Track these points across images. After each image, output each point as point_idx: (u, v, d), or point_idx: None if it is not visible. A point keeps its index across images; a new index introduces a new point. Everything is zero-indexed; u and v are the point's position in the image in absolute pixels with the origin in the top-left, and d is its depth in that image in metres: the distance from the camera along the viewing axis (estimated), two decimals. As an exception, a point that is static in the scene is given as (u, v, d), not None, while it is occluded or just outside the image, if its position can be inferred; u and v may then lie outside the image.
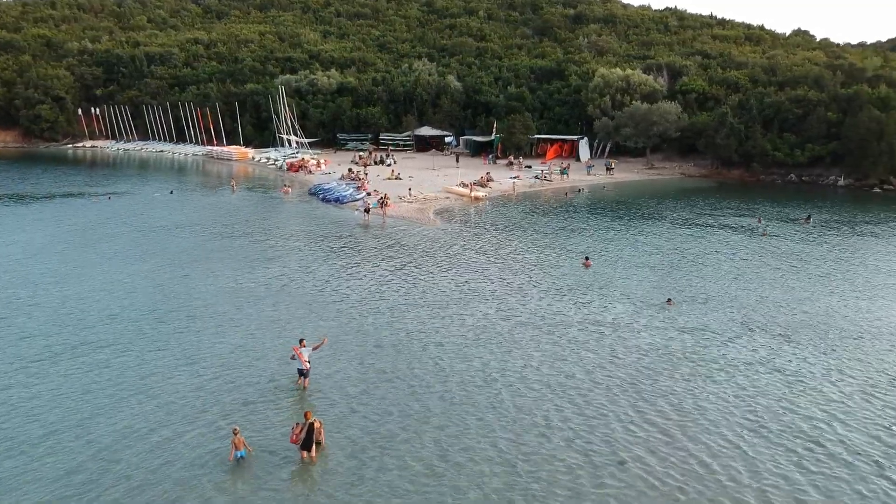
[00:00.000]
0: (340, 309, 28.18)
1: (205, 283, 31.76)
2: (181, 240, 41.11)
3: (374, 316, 27.34)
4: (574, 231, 45.20)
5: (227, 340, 24.44)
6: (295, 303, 28.92)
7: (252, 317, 27.18)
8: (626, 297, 30.80)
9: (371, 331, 25.77)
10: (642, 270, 35.57)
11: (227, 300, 29.19)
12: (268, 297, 29.68)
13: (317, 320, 26.78)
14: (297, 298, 29.53)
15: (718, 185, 69.64)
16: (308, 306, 28.49)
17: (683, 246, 41.33)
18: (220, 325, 26.05)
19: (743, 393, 20.97)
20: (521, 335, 25.52)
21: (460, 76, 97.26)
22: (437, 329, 26.21)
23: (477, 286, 32.04)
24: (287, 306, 28.45)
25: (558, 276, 34.37)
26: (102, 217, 48.70)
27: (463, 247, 39.97)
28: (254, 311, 27.85)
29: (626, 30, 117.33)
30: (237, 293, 30.22)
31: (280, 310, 27.94)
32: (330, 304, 28.92)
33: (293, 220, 48.15)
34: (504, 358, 23.33)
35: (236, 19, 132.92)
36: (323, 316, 27.36)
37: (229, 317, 27.09)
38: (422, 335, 25.47)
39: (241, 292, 30.33)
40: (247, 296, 29.91)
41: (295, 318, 26.99)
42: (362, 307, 28.53)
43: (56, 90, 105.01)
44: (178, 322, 26.41)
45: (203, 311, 27.62)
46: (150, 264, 34.99)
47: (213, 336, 24.90)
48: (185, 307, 28.19)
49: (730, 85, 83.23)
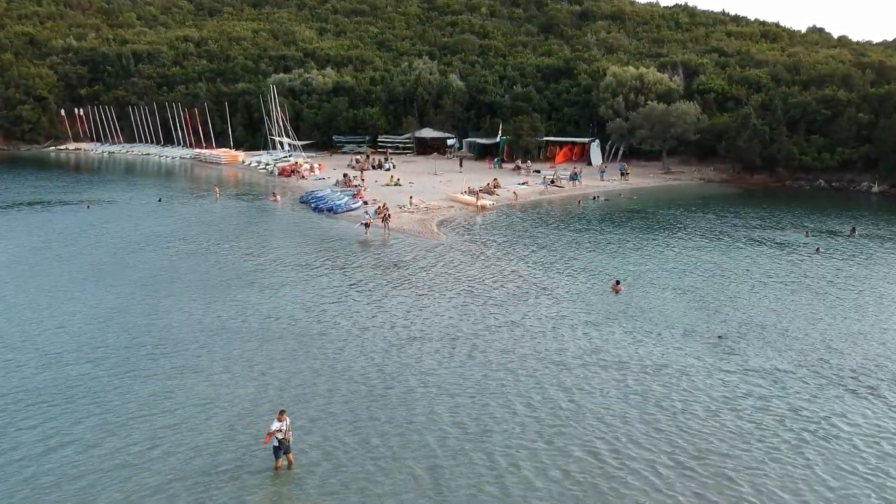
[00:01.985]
0: (327, 347, 23.17)
1: (173, 315, 26.70)
2: (152, 258, 36.07)
3: (367, 357, 22.35)
4: (595, 246, 40.17)
5: (187, 392, 19.47)
6: (274, 341, 23.88)
7: (223, 359, 22.21)
8: (669, 331, 25.90)
9: (363, 377, 20.79)
10: (680, 296, 30.64)
11: (197, 338, 24.15)
12: (242, 332, 24.65)
13: (300, 363, 21.82)
14: (277, 335, 24.49)
15: (743, 192, 64.64)
16: (290, 345, 23.48)
17: (722, 265, 36.34)
18: (181, 373, 21.04)
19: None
20: (551, 383, 20.50)
21: (463, 75, 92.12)
22: (446, 376, 21.24)
23: (492, 319, 27.04)
24: (265, 345, 23.42)
25: (586, 303, 29.45)
26: (73, 229, 43.74)
27: (472, 267, 34.97)
28: (224, 350, 22.87)
29: (636, 27, 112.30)
30: (210, 329, 25.19)
31: (256, 349, 22.92)
32: (315, 339, 23.91)
33: (280, 235, 43.08)
34: (532, 424, 18.31)
35: (229, 16, 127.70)
36: (307, 356, 22.40)
37: (194, 361, 22.08)
38: (427, 386, 20.50)
39: (214, 328, 25.30)
40: (219, 331, 24.91)
41: (274, 361, 22.02)
42: (353, 345, 23.52)
43: (38, 90, 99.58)
44: (134, 367, 21.41)
45: (165, 354, 22.58)
46: (112, 291, 29.95)
47: (168, 389, 19.88)
48: (144, 347, 23.19)
49: (751, 84, 78.16)
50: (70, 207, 52.94)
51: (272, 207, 53.48)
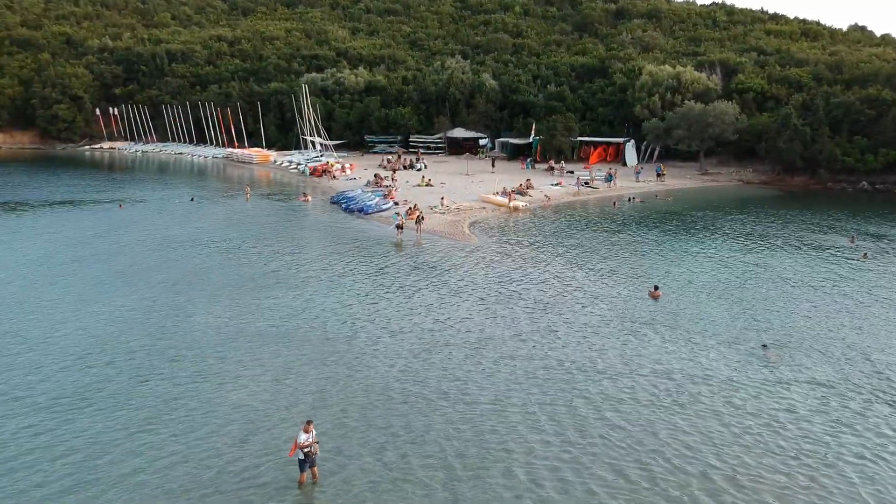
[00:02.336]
0: (353, 353, 22.46)
1: (197, 318, 26.24)
2: (180, 259, 35.76)
3: (393, 364, 21.58)
4: (631, 249, 39.00)
5: (206, 398, 18.88)
6: (302, 348, 23.24)
7: (245, 364, 21.64)
8: (712, 340, 24.79)
9: (391, 385, 20.01)
10: (721, 302, 29.43)
11: (220, 342, 23.62)
12: (270, 340, 24.04)
13: (325, 369, 21.14)
14: (302, 339, 23.85)
15: (783, 194, 62.81)
16: (314, 350, 22.82)
17: (763, 270, 34.96)
18: (203, 378, 20.48)
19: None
20: (586, 395, 19.53)
21: (496, 74, 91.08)
22: (484, 386, 20.42)
23: (523, 325, 26.15)
24: (292, 352, 22.79)
25: (623, 309, 28.40)
26: (102, 229, 43.70)
27: (503, 270, 34.06)
28: (247, 355, 22.28)
29: (672, 25, 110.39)
30: (234, 332, 24.65)
31: (280, 354, 22.30)
32: (341, 344, 23.22)
33: (309, 236, 42.60)
34: (560, 440, 17.39)
35: (263, 16, 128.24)
36: (332, 362, 21.70)
37: (216, 367, 21.52)
38: (462, 395, 19.69)
39: (238, 331, 24.75)
40: (243, 335, 24.36)
41: (298, 366, 21.38)
42: (380, 351, 22.80)
43: (74, 89, 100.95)
44: (156, 373, 20.93)
45: (187, 358, 22.09)
46: (137, 293, 29.61)
47: (186, 394, 19.32)
48: (168, 351, 22.71)
49: (791, 83, 76.06)
50: (102, 207, 53.18)
51: (303, 208, 53.08)
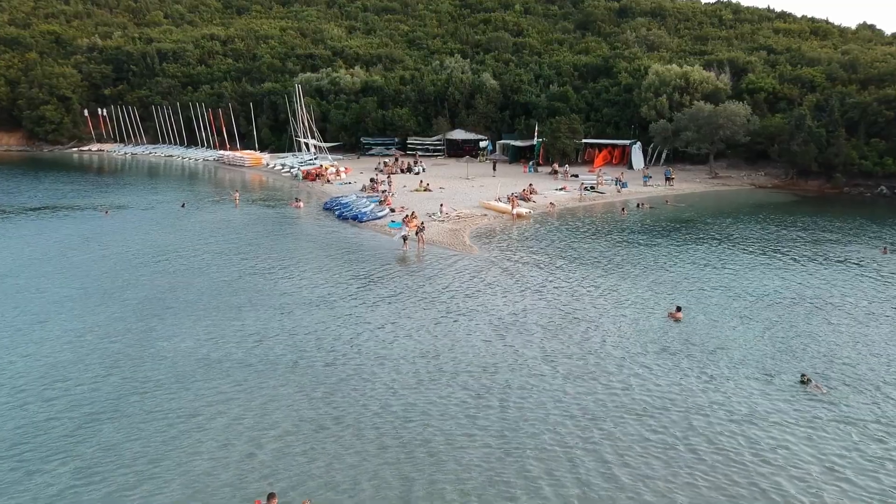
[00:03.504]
0: (338, 386, 19.56)
1: (168, 344, 23.43)
2: (157, 274, 32.89)
3: (381, 402, 18.66)
4: (645, 263, 36.09)
5: (160, 445, 15.99)
6: (278, 376, 20.33)
7: (211, 402, 18.77)
8: (745, 370, 22.17)
9: (371, 427, 17.09)
10: (749, 325, 26.64)
11: (189, 373, 20.76)
12: (243, 371, 21.16)
13: (304, 409, 18.25)
14: (282, 370, 20.97)
15: (798, 199, 59.90)
16: (294, 384, 19.93)
17: (790, 285, 32.09)
18: (153, 421, 17.57)
19: None
20: (608, 439, 16.67)
21: (496, 74, 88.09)
22: (492, 430, 17.56)
23: (529, 350, 23.37)
24: (266, 382, 19.88)
25: (643, 332, 25.65)
26: (80, 239, 40.99)
27: (508, 287, 31.21)
28: (215, 390, 19.37)
29: (677, 24, 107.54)
30: (206, 361, 21.81)
31: (254, 389, 19.39)
32: (325, 376, 20.33)
33: (298, 248, 39.58)
34: (600, 490, 14.59)
35: (257, 14, 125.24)
36: (314, 399, 18.80)
37: (178, 404, 18.65)
38: (468, 439, 16.79)
39: (211, 360, 21.90)
40: (216, 364, 21.52)
41: (273, 407, 18.47)
42: (367, 384, 19.82)
43: (62, 89, 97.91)
44: (100, 413, 18.02)
45: (144, 395, 19.21)
46: (104, 313, 26.78)
47: (132, 449, 16.42)
48: (123, 385, 19.88)
49: (804, 83, 73.26)
50: (85, 213, 50.40)
51: (294, 215, 50.21)
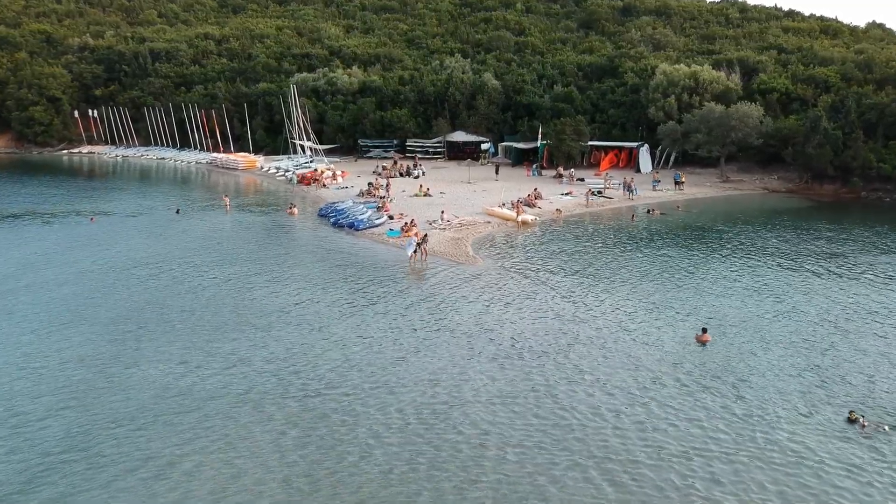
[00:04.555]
0: (329, 420, 16.93)
1: (139, 371, 20.86)
2: (136, 289, 30.31)
3: (379, 439, 15.97)
4: (662, 276, 33.46)
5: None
6: (259, 410, 17.70)
7: (184, 443, 16.17)
8: (786, 403, 19.70)
9: (371, 470, 14.55)
10: (783, 349, 24.08)
11: (162, 407, 18.18)
12: (218, 408, 18.52)
13: (290, 453, 15.62)
14: (265, 402, 18.30)
15: (814, 205, 57.32)
16: (281, 420, 17.28)
17: (822, 302, 29.43)
18: (117, 482, 14.94)
19: None
20: (626, 486, 14.19)
21: (498, 74, 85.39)
22: (479, 474, 15.01)
23: (538, 377, 20.85)
24: (245, 417, 17.25)
25: (666, 357, 23.15)
26: (59, 249, 38.58)
27: (514, 304, 28.63)
28: (190, 430, 16.76)
29: (682, 22, 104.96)
30: (181, 391, 19.25)
31: (232, 427, 16.74)
32: (314, 406, 17.70)
33: (290, 259, 36.87)
34: None
35: (253, 13, 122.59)
36: (304, 441, 16.17)
37: (146, 445, 16.05)
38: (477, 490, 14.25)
39: (184, 396, 19.29)
40: (191, 394, 18.95)
41: (245, 468, 15.84)
42: (361, 419, 17.16)
43: (51, 90, 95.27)
44: (46, 463, 15.43)
45: (100, 439, 16.58)
46: (71, 336, 24.22)
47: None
48: (78, 422, 17.28)
49: (818, 83, 70.69)
50: (69, 220, 48.02)
51: (287, 222, 47.64)
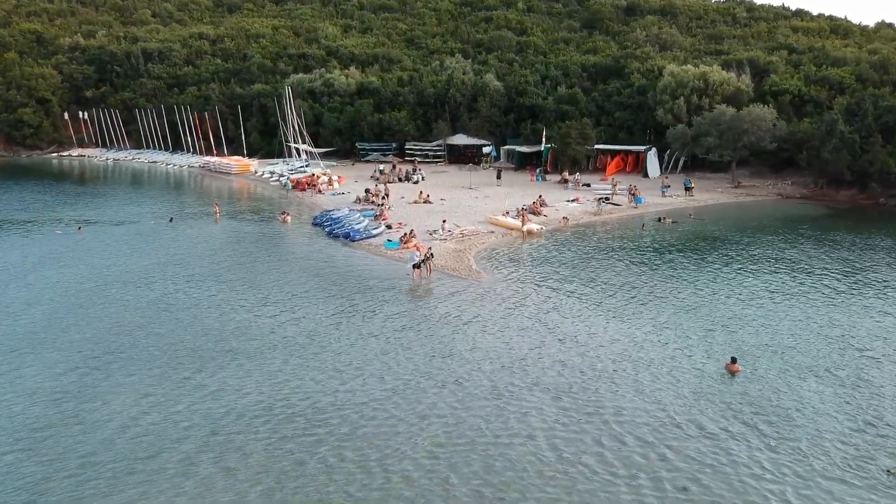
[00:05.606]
0: (314, 463, 14.54)
1: (102, 411, 18.39)
2: (110, 310, 27.85)
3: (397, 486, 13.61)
4: (680, 295, 30.91)
5: None
6: (225, 472, 15.20)
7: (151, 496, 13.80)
8: (824, 453, 17.07)
9: None
10: (820, 385, 21.68)
11: (112, 465, 15.64)
12: (183, 453, 16.02)
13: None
14: (246, 449, 15.84)
15: (831, 212, 54.81)
16: (259, 469, 14.90)
17: (851, 326, 26.96)
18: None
19: None
20: None
21: (500, 75, 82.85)
22: None
23: (548, 415, 18.26)
24: (210, 481, 14.86)
25: (692, 391, 20.74)
26: (36, 262, 36.03)
27: (523, 326, 26.25)
28: (159, 485, 14.35)
29: (688, 22, 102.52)
30: (140, 439, 16.73)
31: (206, 479, 14.36)
32: (299, 446, 15.32)
33: (280, 277, 34.18)
34: None
35: (249, 13, 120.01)
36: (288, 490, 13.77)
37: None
38: None
39: (148, 439, 16.81)
40: (151, 447, 16.45)
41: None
42: (372, 472, 14.82)
43: (41, 91, 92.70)
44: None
45: (65, 479, 14.19)
46: (32, 365, 21.78)
47: None
48: (33, 473, 14.77)
49: (832, 85, 68.20)
50: (54, 230, 45.35)
51: (279, 232, 45.12)
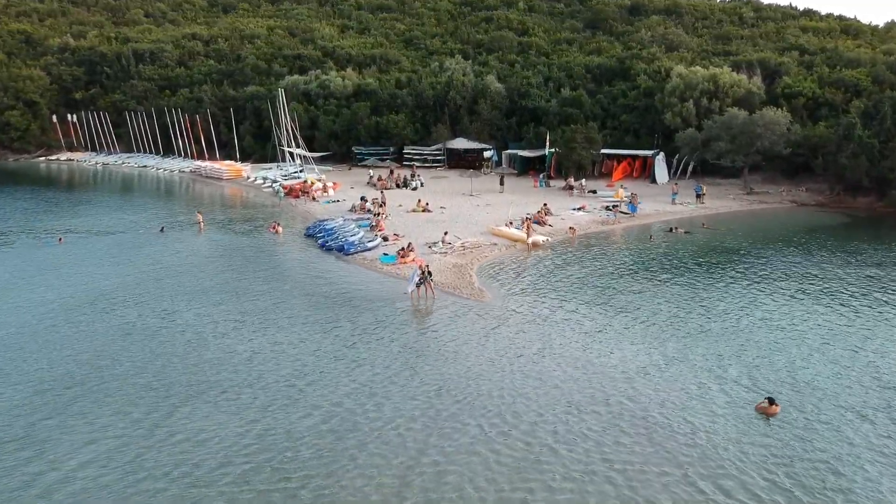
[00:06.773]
0: None
1: (54, 465, 15.69)
2: (76, 338, 25.16)
3: None
4: (701, 318, 28.18)
5: None
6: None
7: None
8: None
9: None
10: (871, 428, 18.96)
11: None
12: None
13: None
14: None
15: (850, 221, 52.10)
16: None
17: (888, 352, 24.45)
18: None
19: None
20: None
21: (501, 77, 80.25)
22: None
23: (552, 473, 15.66)
24: None
25: (725, 438, 18.11)
26: (9, 278, 33.41)
27: (529, 356, 23.52)
28: None
29: (694, 22, 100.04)
30: (110, 488, 14.19)
31: None
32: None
33: (266, 294, 31.48)
34: None
35: (244, 13, 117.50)
36: None
37: None
38: None
39: (117, 487, 14.25)
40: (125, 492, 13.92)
41: None
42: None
43: (28, 93, 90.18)
44: None
45: None
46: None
47: None
48: None
49: (848, 87, 65.59)
50: (34, 241, 42.92)
51: (269, 244, 42.44)
